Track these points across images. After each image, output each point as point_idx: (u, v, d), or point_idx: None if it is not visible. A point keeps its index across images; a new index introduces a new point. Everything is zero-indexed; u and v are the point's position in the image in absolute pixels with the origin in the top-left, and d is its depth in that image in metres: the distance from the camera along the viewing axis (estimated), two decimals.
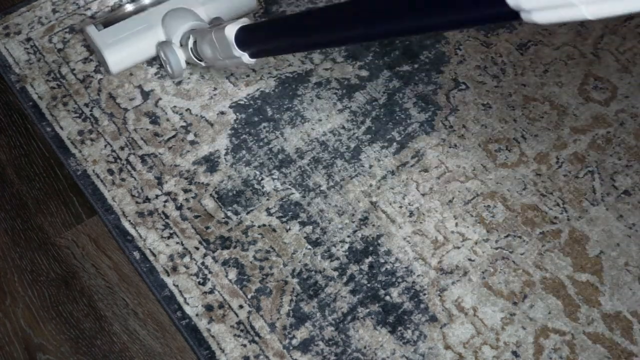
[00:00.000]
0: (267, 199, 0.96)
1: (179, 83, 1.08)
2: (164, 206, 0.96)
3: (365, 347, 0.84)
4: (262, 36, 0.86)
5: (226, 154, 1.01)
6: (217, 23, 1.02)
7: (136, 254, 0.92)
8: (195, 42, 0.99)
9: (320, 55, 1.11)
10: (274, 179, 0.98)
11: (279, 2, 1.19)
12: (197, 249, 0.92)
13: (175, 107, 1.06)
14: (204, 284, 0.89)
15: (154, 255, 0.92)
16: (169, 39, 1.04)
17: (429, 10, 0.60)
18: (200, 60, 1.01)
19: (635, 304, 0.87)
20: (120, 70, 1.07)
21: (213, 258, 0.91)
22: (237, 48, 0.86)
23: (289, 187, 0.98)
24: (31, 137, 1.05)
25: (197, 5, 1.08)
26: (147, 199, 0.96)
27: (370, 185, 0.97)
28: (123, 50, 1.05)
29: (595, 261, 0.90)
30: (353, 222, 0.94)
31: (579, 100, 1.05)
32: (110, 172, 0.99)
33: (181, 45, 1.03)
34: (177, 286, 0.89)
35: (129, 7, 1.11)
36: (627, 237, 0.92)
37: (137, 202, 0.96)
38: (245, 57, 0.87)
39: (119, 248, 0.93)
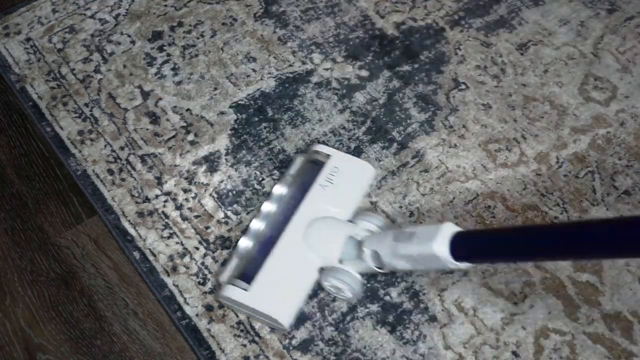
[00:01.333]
0: (267, 199, 0.96)
1: (179, 83, 1.08)
2: (164, 206, 0.96)
3: (365, 347, 0.84)
4: (487, 248, 0.74)
5: (226, 154, 1.01)
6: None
7: (136, 254, 0.92)
8: (374, 253, 0.81)
9: (321, 55, 1.11)
10: (274, 179, 0.98)
11: (278, 2, 1.19)
12: (197, 249, 0.92)
13: (175, 107, 1.06)
14: (204, 284, 0.89)
15: (154, 255, 0.92)
16: (329, 263, 0.85)
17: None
18: (381, 269, 0.82)
19: (635, 304, 0.87)
20: (293, 319, 0.85)
21: (213, 258, 0.91)
22: (453, 261, 0.73)
23: None
24: (31, 137, 1.05)
25: (324, 205, 0.89)
26: (147, 199, 0.96)
27: (371, 186, 0.97)
28: (287, 301, 0.84)
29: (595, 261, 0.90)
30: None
31: (579, 100, 1.05)
32: (110, 172, 0.99)
33: (340, 262, 0.84)
34: (177, 286, 0.89)
35: (246, 243, 0.88)
36: None
37: (137, 202, 0.96)
38: (463, 265, 0.74)
39: (119, 248, 0.93)
